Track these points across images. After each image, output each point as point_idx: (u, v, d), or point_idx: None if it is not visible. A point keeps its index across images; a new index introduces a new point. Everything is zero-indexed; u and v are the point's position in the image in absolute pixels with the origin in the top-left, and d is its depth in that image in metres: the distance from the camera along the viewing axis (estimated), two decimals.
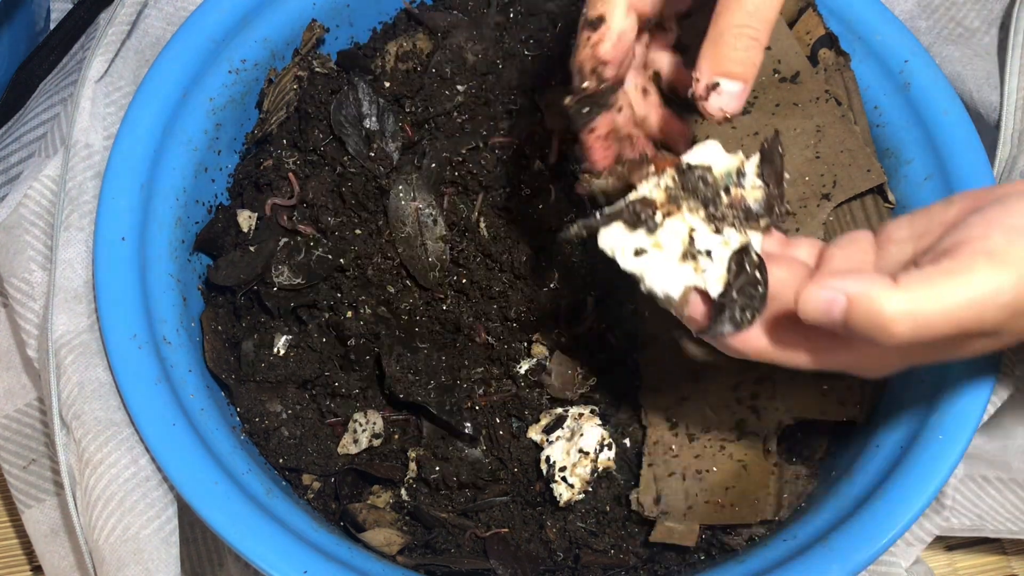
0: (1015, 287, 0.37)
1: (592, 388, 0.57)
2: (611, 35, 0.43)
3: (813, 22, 0.62)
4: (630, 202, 0.43)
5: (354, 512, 0.54)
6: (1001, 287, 0.37)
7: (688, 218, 0.42)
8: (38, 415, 0.58)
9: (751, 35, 0.41)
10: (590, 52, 0.43)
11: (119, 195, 0.54)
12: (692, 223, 0.42)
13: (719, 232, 0.42)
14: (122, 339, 0.52)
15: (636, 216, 0.42)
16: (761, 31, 0.41)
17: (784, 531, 0.53)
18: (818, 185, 0.58)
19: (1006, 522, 0.61)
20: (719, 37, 0.41)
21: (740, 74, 0.41)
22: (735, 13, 0.40)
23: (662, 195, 0.43)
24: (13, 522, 0.66)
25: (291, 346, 0.57)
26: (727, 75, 0.41)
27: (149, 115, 0.56)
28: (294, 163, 0.61)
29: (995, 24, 0.67)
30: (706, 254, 0.42)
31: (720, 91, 0.41)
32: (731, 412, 0.55)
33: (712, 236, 0.42)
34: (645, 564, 0.55)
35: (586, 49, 0.43)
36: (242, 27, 0.59)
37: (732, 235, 0.42)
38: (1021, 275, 0.37)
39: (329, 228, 0.58)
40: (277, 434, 0.56)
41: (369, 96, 0.60)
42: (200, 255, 0.60)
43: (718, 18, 0.41)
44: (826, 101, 0.60)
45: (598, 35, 0.43)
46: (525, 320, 0.57)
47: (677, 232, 0.42)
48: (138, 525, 0.50)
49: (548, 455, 0.54)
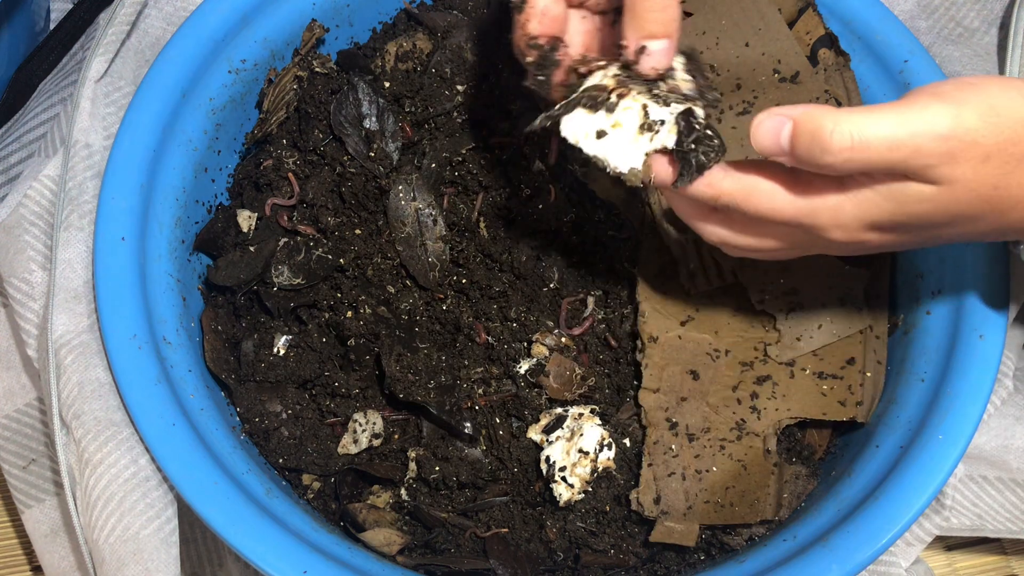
0: (953, 120, 0.39)
1: (591, 388, 0.57)
2: (535, 12, 0.46)
3: (813, 22, 0.62)
4: (586, 89, 0.46)
5: (354, 512, 0.54)
6: (939, 118, 0.39)
7: (637, 96, 0.45)
8: (38, 415, 0.58)
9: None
10: (520, 32, 0.46)
11: (119, 195, 0.54)
12: (642, 98, 0.45)
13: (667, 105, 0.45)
14: (122, 339, 0.52)
15: (593, 99, 0.45)
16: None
17: (784, 531, 0.53)
18: None
19: (1006, 522, 0.61)
20: (634, 4, 0.44)
21: (662, 32, 0.44)
22: None
23: (612, 82, 0.46)
24: (13, 522, 0.66)
25: (291, 346, 0.57)
26: (650, 36, 0.44)
27: (149, 115, 0.56)
28: (294, 163, 0.61)
29: (995, 24, 0.67)
30: (660, 123, 0.45)
31: (648, 52, 0.44)
32: (731, 412, 0.55)
33: (663, 108, 0.45)
34: (645, 564, 0.55)
35: (517, 31, 0.47)
36: (242, 27, 0.59)
37: (676, 105, 0.46)
38: (961, 112, 0.39)
39: (329, 228, 0.58)
40: (277, 434, 0.56)
41: (369, 96, 0.60)
42: (200, 255, 0.60)
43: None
44: (826, 101, 0.60)
45: (524, 16, 0.46)
46: (525, 320, 0.57)
47: (632, 108, 0.45)
48: (138, 525, 0.50)
49: (548, 455, 0.54)
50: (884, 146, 0.39)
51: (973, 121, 0.39)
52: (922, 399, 0.53)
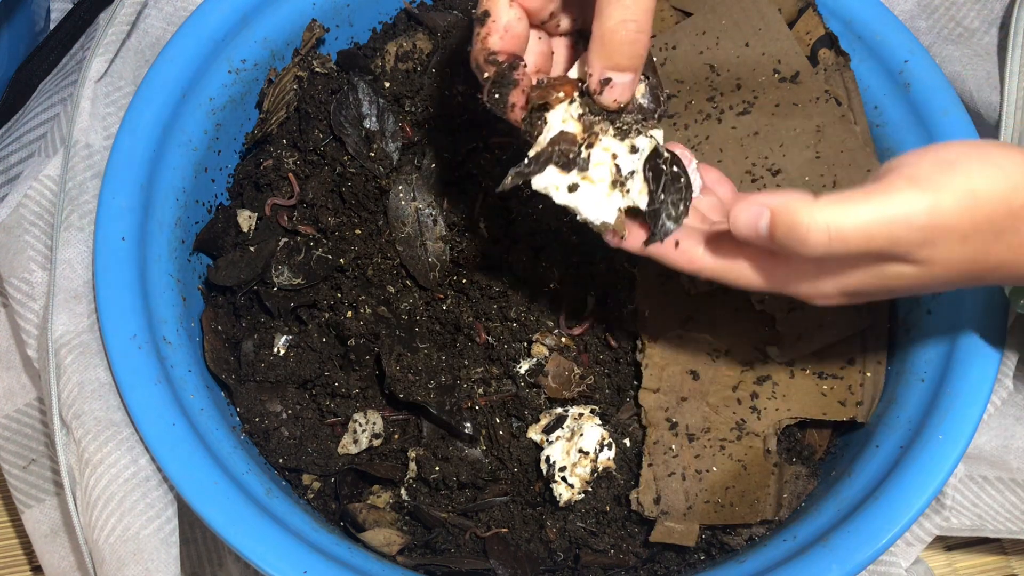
0: (930, 209, 0.39)
1: (591, 388, 0.57)
2: (497, 27, 0.44)
3: (813, 22, 0.62)
4: (553, 141, 0.45)
5: (354, 512, 0.54)
6: (915, 208, 0.39)
7: (605, 142, 0.45)
8: (38, 415, 0.58)
9: (635, 28, 0.42)
10: (480, 46, 0.45)
11: (119, 195, 0.54)
12: (610, 146, 0.45)
13: (630, 140, 0.45)
14: (122, 339, 0.52)
15: (564, 157, 0.44)
16: (643, 21, 0.42)
17: (784, 531, 0.53)
18: (818, 185, 0.58)
19: (1006, 522, 0.61)
20: (603, 34, 0.42)
21: (628, 66, 0.43)
22: (616, 8, 0.42)
23: (578, 126, 0.45)
24: (13, 522, 0.66)
25: (291, 346, 0.57)
26: (616, 69, 0.43)
27: (149, 115, 0.56)
28: (294, 163, 0.61)
29: (995, 24, 0.67)
30: (630, 174, 0.45)
31: (612, 84, 0.44)
32: (731, 412, 0.55)
33: (630, 156, 0.45)
34: (645, 564, 0.55)
35: (477, 44, 0.45)
36: (242, 27, 0.59)
37: (641, 141, 0.45)
38: (938, 200, 0.39)
39: (329, 228, 0.58)
40: (277, 434, 0.56)
41: (369, 96, 0.60)
42: (200, 255, 0.60)
43: (600, 14, 0.42)
44: (826, 101, 0.60)
45: (486, 29, 0.45)
46: (525, 320, 0.57)
47: (602, 162, 0.45)
48: (138, 525, 0.50)
49: (548, 455, 0.54)
50: (861, 238, 0.39)
51: (951, 208, 0.39)
52: (922, 399, 0.53)
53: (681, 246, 0.46)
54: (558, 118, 0.45)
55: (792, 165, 0.59)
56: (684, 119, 0.60)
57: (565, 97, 0.45)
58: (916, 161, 0.40)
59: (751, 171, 0.59)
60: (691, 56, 0.61)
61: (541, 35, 0.48)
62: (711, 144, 0.59)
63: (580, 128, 0.45)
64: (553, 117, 0.45)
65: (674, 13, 0.63)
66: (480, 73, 0.46)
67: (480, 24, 0.45)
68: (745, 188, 0.58)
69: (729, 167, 0.59)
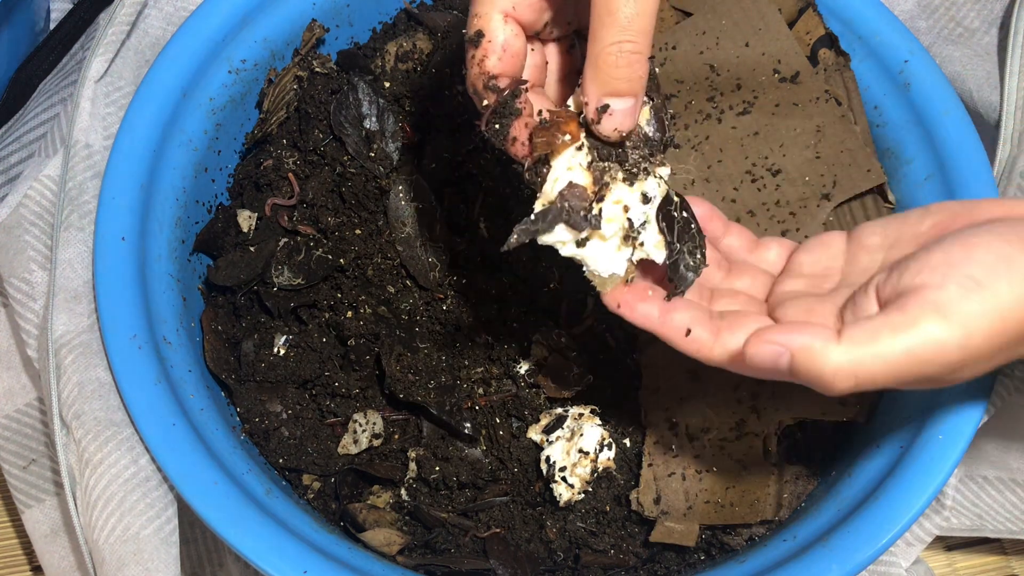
0: (960, 347, 0.37)
1: (591, 388, 0.57)
2: (495, 48, 0.41)
3: (813, 22, 0.62)
4: (562, 195, 0.41)
5: (354, 512, 0.54)
6: (945, 346, 0.37)
7: (616, 192, 0.42)
8: (38, 415, 0.58)
9: (631, 50, 0.39)
10: (478, 70, 0.42)
11: (119, 195, 0.54)
12: (621, 196, 0.42)
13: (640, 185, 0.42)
14: (122, 339, 0.52)
15: (575, 215, 0.41)
16: (640, 43, 0.39)
17: (784, 531, 0.53)
18: (818, 185, 0.58)
19: (1006, 522, 0.61)
20: (598, 57, 0.39)
21: (628, 91, 0.40)
22: (610, 30, 0.38)
23: (587, 176, 0.41)
24: (13, 522, 0.66)
25: (291, 346, 0.57)
26: (614, 94, 0.40)
27: (149, 115, 0.56)
28: (294, 163, 0.61)
29: (995, 24, 0.67)
30: (642, 226, 0.42)
31: (611, 112, 0.40)
32: (731, 412, 0.55)
33: (642, 206, 0.42)
34: (645, 564, 0.55)
35: (473, 68, 0.42)
36: (242, 27, 0.59)
37: (651, 187, 0.42)
38: (968, 334, 0.37)
39: (329, 228, 0.58)
40: (277, 434, 0.56)
41: (369, 96, 0.60)
42: (200, 255, 0.60)
43: (594, 37, 0.39)
44: (826, 101, 0.60)
45: (481, 51, 0.41)
46: (525, 320, 0.57)
47: (615, 217, 0.42)
48: (138, 525, 0.50)
49: (548, 455, 0.54)
50: (889, 378, 0.38)
51: (982, 338, 0.38)
52: (922, 399, 0.53)
53: (693, 334, 0.43)
54: (564, 165, 0.41)
55: (792, 165, 0.59)
56: (684, 119, 0.60)
57: (572, 141, 0.41)
58: (942, 280, 0.38)
59: (751, 171, 0.59)
60: (691, 56, 0.61)
61: (533, 46, 0.45)
62: (711, 144, 0.59)
63: (590, 179, 0.41)
64: (559, 164, 0.42)
65: (674, 13, 0.63)
66: (479, 100, 0.42)
67: (474, 46, 0.41)
68: (745, 188, 0.59)
69: (729, 167, 0.59)
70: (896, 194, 0.60)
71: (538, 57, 0.46)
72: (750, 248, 0.52)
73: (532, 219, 0.41)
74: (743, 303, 0.48)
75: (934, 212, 0.46)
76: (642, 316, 0.44)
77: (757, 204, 0.58)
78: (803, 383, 0.39)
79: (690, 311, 0.44)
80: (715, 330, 0.44)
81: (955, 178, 0.58)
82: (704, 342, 0.43)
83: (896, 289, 0.40)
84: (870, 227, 0.48)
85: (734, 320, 0.44)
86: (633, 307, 0.44)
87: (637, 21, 0.38)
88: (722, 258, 0.51)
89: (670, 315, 0.44)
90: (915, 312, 0.38)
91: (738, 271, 0.51)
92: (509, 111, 0.41)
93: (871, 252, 0.47)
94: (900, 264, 0.41)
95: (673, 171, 0.59)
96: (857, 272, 0.47)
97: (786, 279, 0.49)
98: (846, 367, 0.37)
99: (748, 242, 0.52)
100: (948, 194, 0.58)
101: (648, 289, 0.44)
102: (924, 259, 0.40)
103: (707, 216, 0.51)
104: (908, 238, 0.46)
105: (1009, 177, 0.60)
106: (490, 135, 0.42)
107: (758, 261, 0.52)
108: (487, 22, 0.41)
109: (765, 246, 0.52)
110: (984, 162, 0.58)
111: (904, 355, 0.37)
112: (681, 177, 0.59)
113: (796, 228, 0.58)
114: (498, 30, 0.41)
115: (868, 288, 0.42)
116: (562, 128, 0.41)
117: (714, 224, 0.51)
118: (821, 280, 0.48)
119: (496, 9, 0.41)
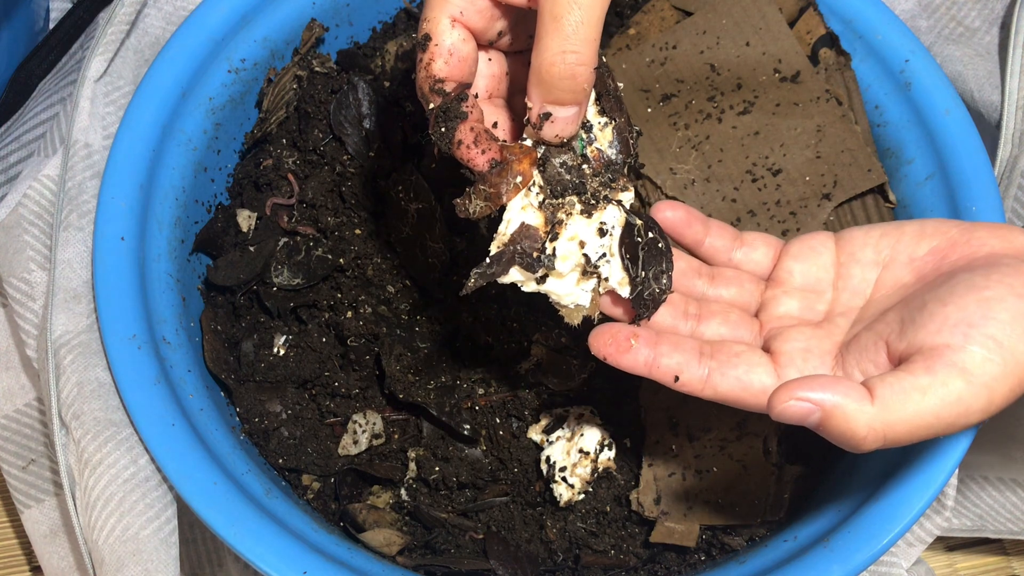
0: (983, 410, 0.38)
1: (591, 388, 0.57)
2: (441, 51, 0.41)
3: (813, 21, 0.61)
4: (514, 237, 0.41)
5: (354, 512, 0.54)
6: (971, 408, 0.38)
7: (571, 229, 0.42)
8: (38, 415, 0.58)
9: (575, 61, 0.39)
10: (424, 73, 0.42)
11: (118, 195, 0.54)
12: (577, 232, 0.42)
13: (598, 216, 0.42)
14: (121, 339, 0.52)
15: (528, 257, 0.41)
16: (584, 53, 0.39)
17: (784, 531, 0.53)
18: (819, 185, 0.58)
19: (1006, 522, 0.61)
20: (541, 66, 0.39)
21: (570, 100, 0.40)
22: (554, 38, 0.38)
23: (540, 216, 0.42)
24: (13, 522, 0.66)
25: (291, 346, 0.57)
26: (557, 103, 0.40)
27: (148, 115, 0.56)
28: (294, 163, 0.61)
29: (996, 24, 0.67)
30: (602, 258, 0.42)
31: (553, 119, 0.41)
32: (731, 412, 0.55)
33: (600, 240, 0.42)
34: (645, 564, 0.55)
35: (420, 71, 0.42)
36: (242, 27, 0.59)
37: (611, 216, 0.42)
38: (991, 396, 0.38)
39: (329, 228, 0.58)
40: (277, 434, 0.56)
41: (369, 96, 0.60)
42: (200, 255, 0.60)
43: (539, 45, 0.39)
44: (827, 101, 0.60)
45: (428, 55, 0.42)
46: (525, 320, 0.57)
47: (569, 255, 0.42)
48: (138, 525, 0.50)
49: (548, 455, 0.54)
50: (913, 437, 0.39)
51: (1005, 394, 0.39)
52: None
53: (681, 380, 0.44)
54: (518, 206, 0.42)
55: (792, 165, 0.59)
56: (684, 119, 0.60)
57: (524, 182, 0.41)
58: (962, 343, 0.39)
59: (751, 171, 0.59)
60: (691, 55, 0.61)
61: (492, 56, 0.45)
62: (711, 144, 0.59)
63: (542, 220, 0.42)
64: (513, 205, 0.42)
65: (675, 12, 0.63)
66: (425, 103, 0.42)
67: (422, 49, 0.42)
68: (745, 188, 0.58)
69: (729, 167, 0.59)
70: (897, 194, 0.60)
71: (496, 67, 0.46)
72: (734, 245, 0.52)
73: (488, 262, 0.42)
74: (734, 324, 0.48)
75: (930, 234, 0.46)
76: (629, 365, 0.44)
77: (757, 204, 0.58)
78: (827, 439, 0.40)
79: (677, 352, 0.44)
80: (703, 377, 0.44)
81: (956, 178, 0.58)
82: (694, 386, 0.44)
83: (913, 345, 0.40)
84: (861, 237, 0.48)
85: (725, 361, 0.44)
86: (619, 360, 0.44)
87: (582, 30, 0.38)
88: (704, 264, 0.51)
89: (658, 361, 0.44)
90: (942, 373, 0.38)
91: (725, 278, 0.50)
92: (454, 114, 0.41)
93: (864, 268, 0.47)
94: (912, 318, 0.41)
95: (673, 171, 0.59)
96: (850, 292, 0.47)
97: (778, 295, 0.49)
98: (879, 429, 0.38)
99: (731, 239, 0.52)
100: (949, 194, 0.58)
101: (631, 337, 0.44)
102: (941, 316, 0.40)
103: (684, 221, 0.50)
104: (903, 260, 0.46)
105: (1010, 177, 0.60)
106: (436, 139, 0.42)
107: (745, 262, 0.52)
108: (435, 26, 0.41)
109: (751, 244, 0.52)
110: (985, 162, 0.58)
111: (933, 417, 0.38)
112: (681, 177, 0.59)
113: (796, 228, 0.58)
114: (445, 34, 0.41)
115: (877, 337, 0.42)
116: (515, 169, 0.41)
117: (693, 228, 0.51)
118: (814, 298, 0.48)
119: (444, 14, 0.41)
